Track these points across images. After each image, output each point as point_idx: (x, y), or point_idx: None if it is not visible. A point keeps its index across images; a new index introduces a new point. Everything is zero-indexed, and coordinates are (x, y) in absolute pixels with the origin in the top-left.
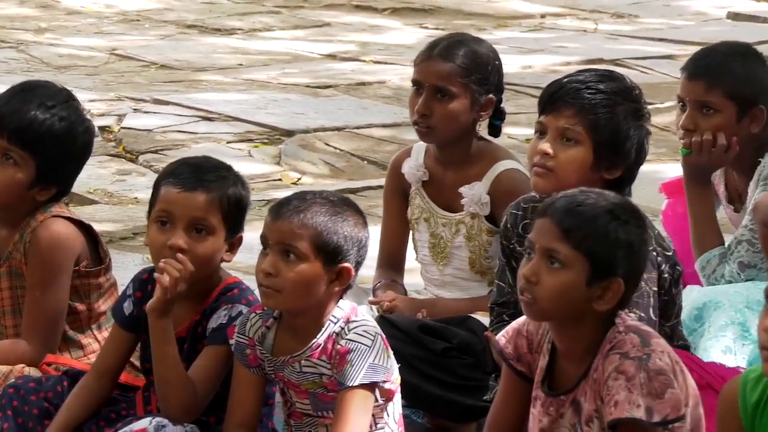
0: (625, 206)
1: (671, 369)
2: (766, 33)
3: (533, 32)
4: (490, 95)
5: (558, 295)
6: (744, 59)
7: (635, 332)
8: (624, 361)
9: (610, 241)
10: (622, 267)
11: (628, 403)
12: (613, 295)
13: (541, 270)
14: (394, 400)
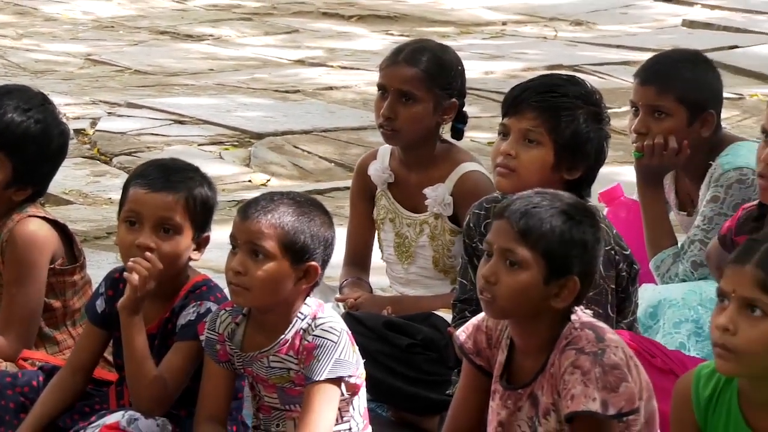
0: (578, 207)
1: (625, 363)
2: (720, 40)
3: (495, 39)
4: (453, 99)
5: (516, 294)
6: (694, 65)
7: (590, 328)
8: (579, 356)
9: (566, 241)
10: (577, 266)
11: (584, 396)
12: (569, 293)
13: (499, 270)
14: (359, 394)
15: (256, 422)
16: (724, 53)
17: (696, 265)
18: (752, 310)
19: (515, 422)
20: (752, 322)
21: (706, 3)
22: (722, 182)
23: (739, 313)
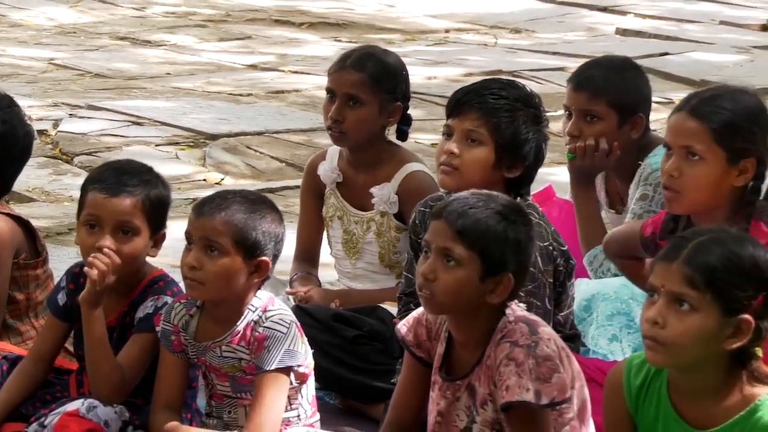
0: (512, 207)
1: (557, 355)
2: (651, 47)
3: (438, 46)
4: (397, 103)
5: (454, 290)
6: (624, 72)
7: (524, 322)
8: (514, 348)
9: (501, 240)
10: (511, 263)
11: (519, 387)
12: (504, 289)
13: (437, 268)
14: (307, 383)
15: (209, 409)
16: (655, 60)
17: None
18: (680, 305)
19: (454, 412)
20: (680, 315)
21: (639, 12)
22: (651, 181)
23: (668, 307)
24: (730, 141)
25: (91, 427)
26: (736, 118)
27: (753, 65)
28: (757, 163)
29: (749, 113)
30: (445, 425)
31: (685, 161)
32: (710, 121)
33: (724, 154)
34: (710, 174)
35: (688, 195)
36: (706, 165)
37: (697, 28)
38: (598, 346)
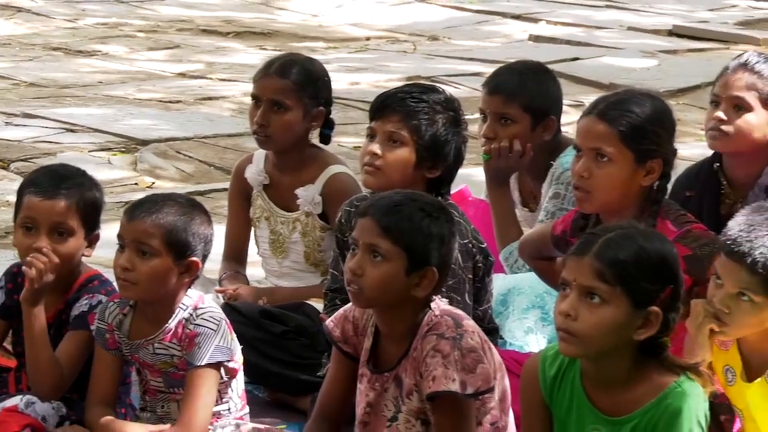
0: (435, 204)
1: (481, 347)
2: (562, 53)
3: (359, 53)
4: (320, 108)
5: (381, 285)
6: (537, 76)
7: (449, 315)
8: (440, 341)
9: (425, 235)
10: (435, 258)
11: (445, 378)
12: (429, 283)
13: (365, 263)
14: (237, 377)
15: (143, 404)
16: (566, 65)
17: None
18: (591, 298)
19: (382, 402)
20: (591, 308)
21: (551, 20)
22: (563, 180)
23: (580, 300)
24: (637, 143)
25: (30, 422)
26: (642, 121)
27: (660, 69)
28: (662, 164)
29: (655, 116)
30: (374, 415)
31: (595, 162)
32: (618, 124)
33: (632, 156)
34: (618, 174)
35: (598, 195)
36: (615, 166)
37: (606, 34)
38: (515, 338)
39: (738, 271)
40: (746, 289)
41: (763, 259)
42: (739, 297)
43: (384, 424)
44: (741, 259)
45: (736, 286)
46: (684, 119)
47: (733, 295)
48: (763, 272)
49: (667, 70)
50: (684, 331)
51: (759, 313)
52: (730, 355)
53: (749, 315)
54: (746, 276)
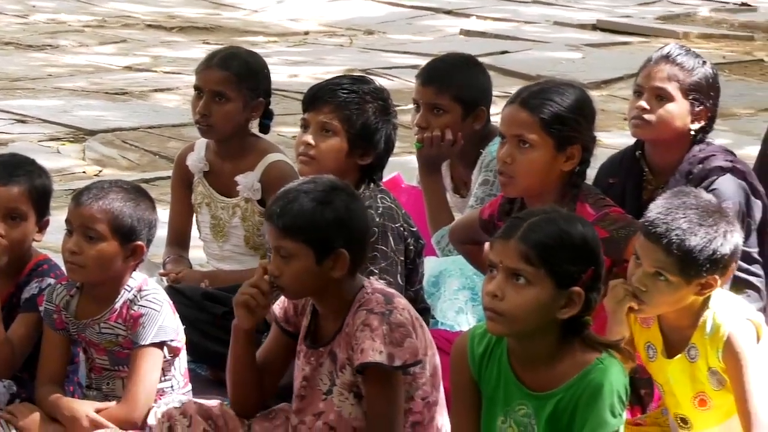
0: (327, 189)
1: (410, 323)
2: (492, 46)
3: (298, 47)
4: (260, 99)
5: (298, 280)
6: (468, 68)
7: (380, 293)
8: (369, 315)
9: (320, 225)
10: (339, 240)
11: (372, 350)
12: (343, 263)
13: (279, 265)
14: (180, 356)
15: (89, 381)
16: (496, 57)
17: None
18: (517, 279)
19: (318, 376)
20: (517, 289)
21: (481, 15)
22: (491, 167)
23: (506, 281)
24: (558, 130)
25: None
26: (562, 110)
27: (584, 61)
28: (582, 150)
29: (575, 104)
30: (310, 389)
31: (518, 149)
32: (539, 112)
33: (552, 142)
34: (540, 160)
35: (520, 179)
36: (536, 152)
37: (534, 29)
38: (446, 318)
39: (655, 252)
40: (662, 269)
41: (678, 241)
42: (656, 276)
43: (320, 397)
44: (658, 240)
45: (653, 266)
46: (608, 109)
47: (651, 275)
48: (678, 253)
49: (592, 62)
50: (605, 312)
51: (674, 292)
52: (651, 333)
53: (665, 294)
54: (662, 256)
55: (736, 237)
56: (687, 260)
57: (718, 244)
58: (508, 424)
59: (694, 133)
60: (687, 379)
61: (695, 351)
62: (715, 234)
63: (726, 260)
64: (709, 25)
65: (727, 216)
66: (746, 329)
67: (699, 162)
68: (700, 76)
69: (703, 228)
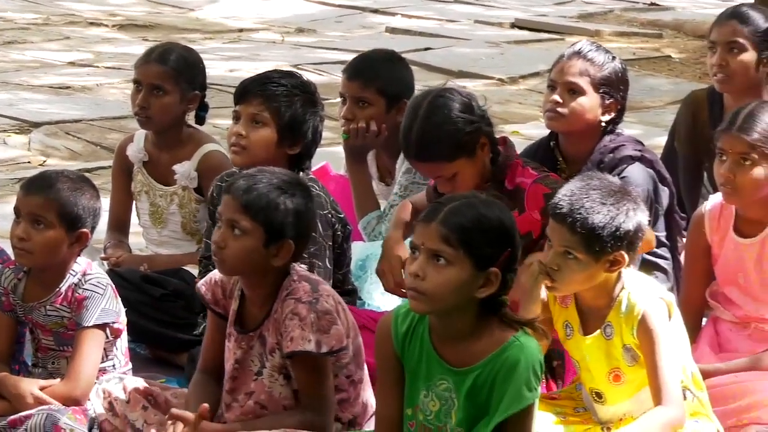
0: (292, 181)
1: (335, 309)
2: (416, 43)
3: (233, 43)
4: (196, 92)
5: (241, 256)
6: (392, 63)
7: (306, 280)
8: (298, 304)
9: (280, 211)
10: (291, 230)
11: (302, 339)
12: (286, 253)
13: (227, 237)
14: (121, 336)
15: (35, 361)
16: (419, 54)
17: None
18: (438, 260)
19: (249, 359)
20: (438, 269)
21: (406, 13)
22: None
23: (427, 262)
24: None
25: None
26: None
27: (503, 57)
28: (490, 143)
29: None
30: (242, 370)
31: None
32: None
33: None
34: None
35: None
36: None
37: (456, 27)
38: (372, 299)
39: (561, 231)
40: (570, 248)
41: (581, 219)
42: (565, 255)
43: (251, 378)
44: (563, 220)
45: (561, 245)
46: (525, 102)
47: (560, 254)
48: (582, 231)
49: (510, 58)
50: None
51: (584, 270)
52: (569, 312)
53: (576, 272)
54: (568, 235)
55: (640, 215)
56: (591, 237)
57: (620, 220)
58: (430, 398)
59: (605, 125)
60: (602, 356)
61: (611, 329)
62: (617, 211)
63: (630, 236)
64: (620, 23)
65: (630, 195)
66: (659, 308)
67: (610, 151)
68: (609, 70)
69: (605, 206)
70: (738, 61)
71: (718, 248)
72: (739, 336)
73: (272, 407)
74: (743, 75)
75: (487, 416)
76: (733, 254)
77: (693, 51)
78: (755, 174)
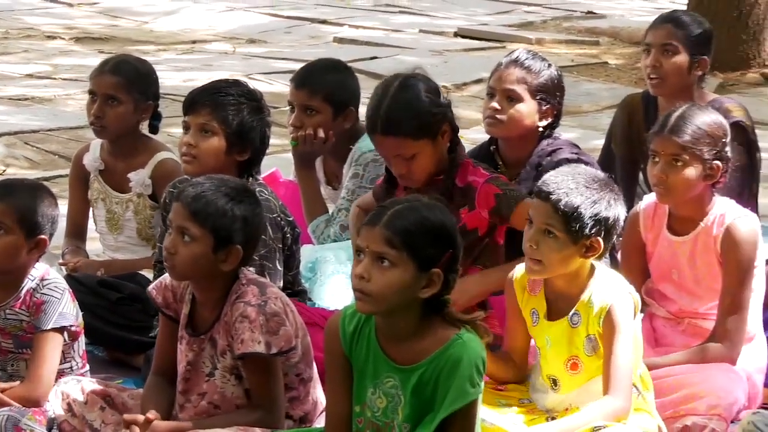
0: (240, 189)
1: (283, 311)
2: (363, 52)
3: (186, 54)
4: (149, 101)
5: (191, 262)
6: (338, 72)
7: (255, 284)
8: (247, 307)
9: (228, 218)
10: (239, 237)
11: (252, 341)
12: (234, 259)
13: (177, 243)
14: (79, 339)
15: None
16: (366, 63)
17: (343, 228)
18: (382, 262)
19: (200, 361)
20: (382, 271)
21: (353, 24)
22: (361, 162)
23: (372, 264)
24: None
25: None
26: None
27: (446, 65)
28: (451, 131)
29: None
30: (194, 372)
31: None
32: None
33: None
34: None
35: (419, 176)
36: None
37: (401, 36)
38: (322, 300)
39: (544, 208)
40: (551, 226)
41: (565, 198)
42: (545, 234)
43: (203, 379)
44: (547, 198)
45: (543, 223)
46: (467, 109)
47: (541, 231)
48: (564, 209)
49: (453, 66)
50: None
51: (562, 249)
52: (537, 300)
53: (554, 250)
54: (551, 212)
55: (620, 208)
56: (572, 217)
57: (602, 207)
58: (378, 395)
59: (542, 129)
60: (565, 342)
61: (578, 318)
62: (599, 197)
63: (608, 225)
64: (559, 31)
65: (612, 187)
66: (626, 302)
67: (547, 155)
68: (546, 77)
69: (588, 190)
70: (671, 63)
71: (653, 246)
72: (673, 331)
73: (225, 407)
74: (676, 76)
75: (433, 412)
76: (666, 251)
77: (629, 57)
78: (687, 174)
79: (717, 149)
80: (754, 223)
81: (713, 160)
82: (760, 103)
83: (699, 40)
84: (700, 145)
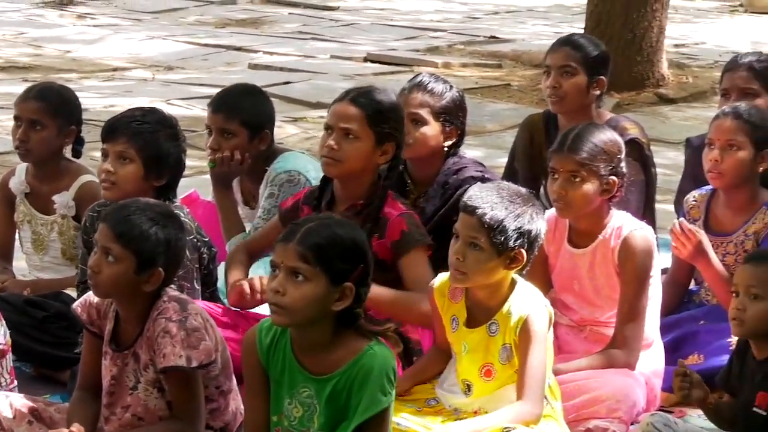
0: (164, 213)
1: (203, 326)
2: (276, 77)
3: (108, 81)
4: (72, 126)
5: (114, 282)
6: (253, 96)
7: (176, 300)
8: (168, 323)
9: (152, 241)
10: (161, 259)
11: (173, 355)
12: (156, 280)
13: (101, 263)
14: (7, 356)
15: None
16: (280, 87)
17: None
18: (296, 276)
19: (124, 375)
20: (296, 285)
21: (267, 50)
22: (276, 182)
23: (287, 279)
24: (379, 126)
25: None
26: (384, 108)
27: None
28: (396, 147)
29: (394, 106)
30: (118, 386)
31: (344, 139)
32: (366, 108)
33: (374, 136)
34: (364, 149)
35: (347, 164)
36: (360, 142)
37: (314, 62)
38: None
39: (470, 222)
40: (476, 239)
41: (490, 213)
42: (472, 246)
43: (127, 392)
44: (473, 212)
45: (468, 236)
46: None
47: (467, 244)
48: (489, 222)
49: None
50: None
51: (487, 261)
52: (457, 307)
53: (480, 262)
54: (477, 225)
55: (542, 222)
56: (497, 229)
57: (525, 220)
58: (294, 404)
59: (448, 149)
60: (481, 350)
61: (496, 327)
62: (522, 211)
63: (532, 237)
64: (464, 55)
65: (534, 203)
66: (542, 315)
67: (453, 173)
68: (448, 100)
69: (512, 204)
70: (570, 83)
71: (555, 258)
72: (576, 338)
73: (148, 419)
74: (575, 96)
75: (347, 420)
76: (567, 263)
77: (530, 79)
78: (585, 190)
79: (613, 165)
80: (649, 234)
81: (609, 176)
82: (654, 121)
83: (596, 61)
84: (596, 161)
